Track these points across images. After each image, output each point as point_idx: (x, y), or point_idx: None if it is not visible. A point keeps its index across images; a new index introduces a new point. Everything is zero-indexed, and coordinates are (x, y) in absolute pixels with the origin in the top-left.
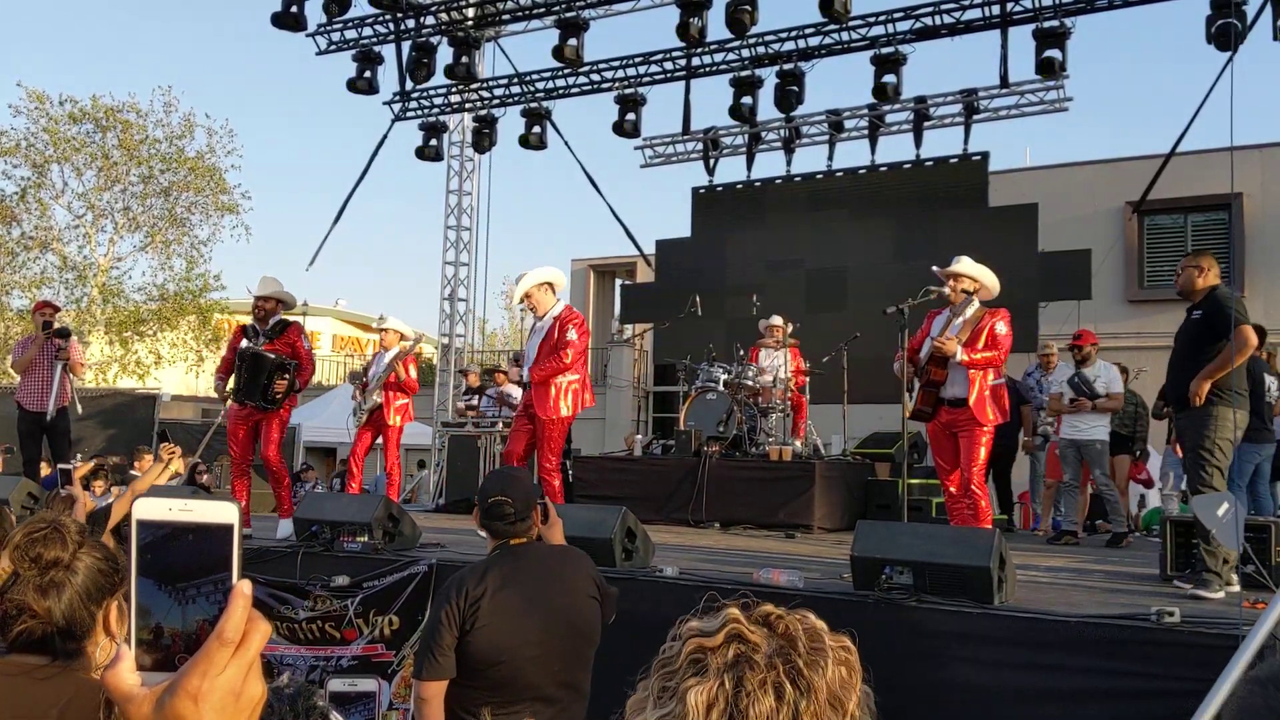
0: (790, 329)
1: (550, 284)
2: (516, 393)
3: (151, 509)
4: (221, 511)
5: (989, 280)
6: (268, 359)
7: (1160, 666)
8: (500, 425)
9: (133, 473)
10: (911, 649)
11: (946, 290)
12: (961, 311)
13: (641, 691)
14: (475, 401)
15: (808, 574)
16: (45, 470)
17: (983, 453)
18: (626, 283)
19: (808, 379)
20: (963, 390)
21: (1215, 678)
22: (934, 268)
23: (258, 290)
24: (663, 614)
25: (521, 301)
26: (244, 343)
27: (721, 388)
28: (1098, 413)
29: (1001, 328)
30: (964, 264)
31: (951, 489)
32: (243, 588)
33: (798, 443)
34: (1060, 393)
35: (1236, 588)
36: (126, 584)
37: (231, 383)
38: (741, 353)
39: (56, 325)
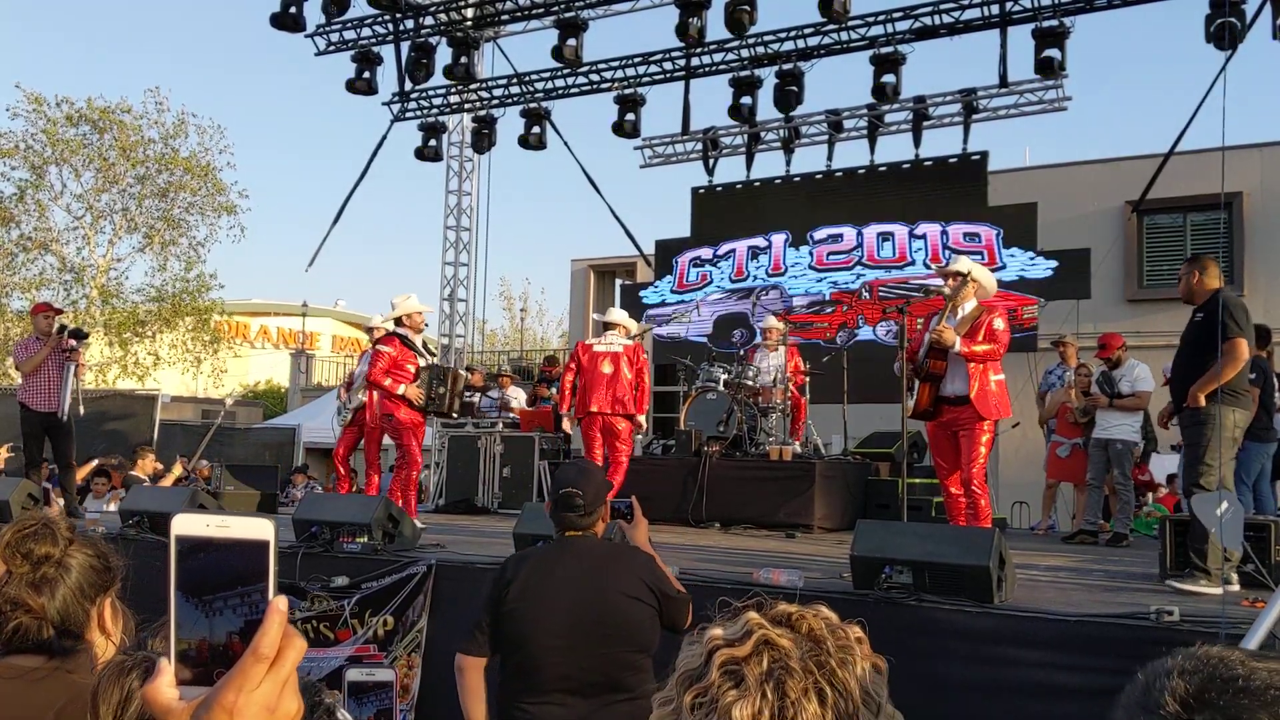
0: (786, 330)
1: None
2: (520, 396)
3: (189, 525)
4: (257, 528)
5: (986, 279)
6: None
7: None
8: (500, 426)
9: (133, 473)
10: (911, 648)
11: (946, 290)
12: (955, 300)
13: (663, 707)
14: (475, 399)
15: (808, 574)
16: (44, 472)
17: (983, 451)
18: (626, 283)
19: (807, 379)
20: (963, 387)
21: None
22: (932, 266)
23: (416, 308)
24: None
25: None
26: (423, 360)
27: (721, 388)
28: (1122, 412)
29: (999, 323)
30: (962, 263)
31: (951, 489)
32: (279, 604)
33: (796, 444)
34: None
35: (1236, 586)
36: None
37: (413, 393)
38: (740, 353)
39: (70, 326)
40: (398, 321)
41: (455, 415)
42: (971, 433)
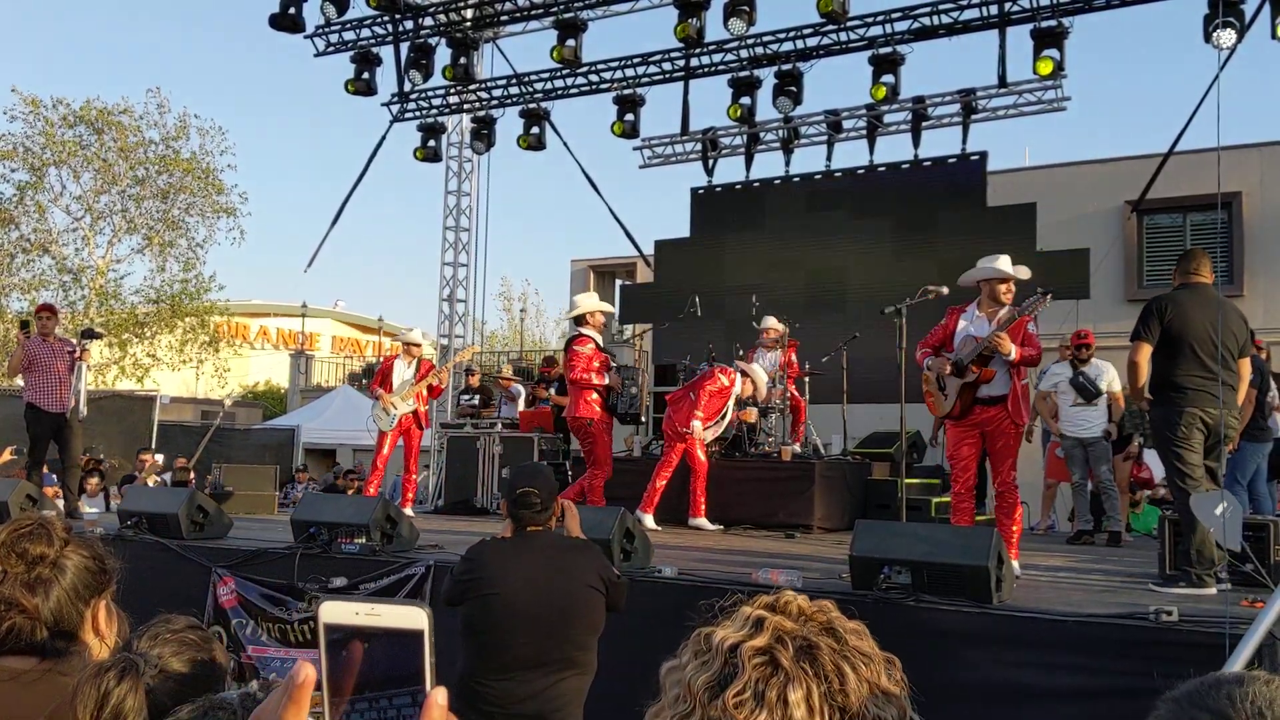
0: (786, 330)
1: None
2: (519, 392)
3: (338, 612)
4: (411, 616)
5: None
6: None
7: (1158, 665)
8: (499, 426)
9: (134, 473)
10: (909, 649)
11: (945, 290)
12: (1005, 312)
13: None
14: (475, 401)
15: (807, 574)
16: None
17: (1015, 452)
18: (626, 283)
19: (807, 379)
20: (1002, 388)
21: None
22: (1005, 268)
23: (595, 307)
24: (661, 615)
25: None
26: (613, 361)
27: None
28: (1095, 409)
29: (1032, 327)
30: (1007, 263)
31: (960, 488)
32: (436, 697)
33: (796, 445)
34: (1048, 393)
35: (1213, 590)
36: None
37: (615, 380)
38: (740, 353)
39: (79, 328)
40: (579, 320)
41: (642, 421)
42: (1006, 435)
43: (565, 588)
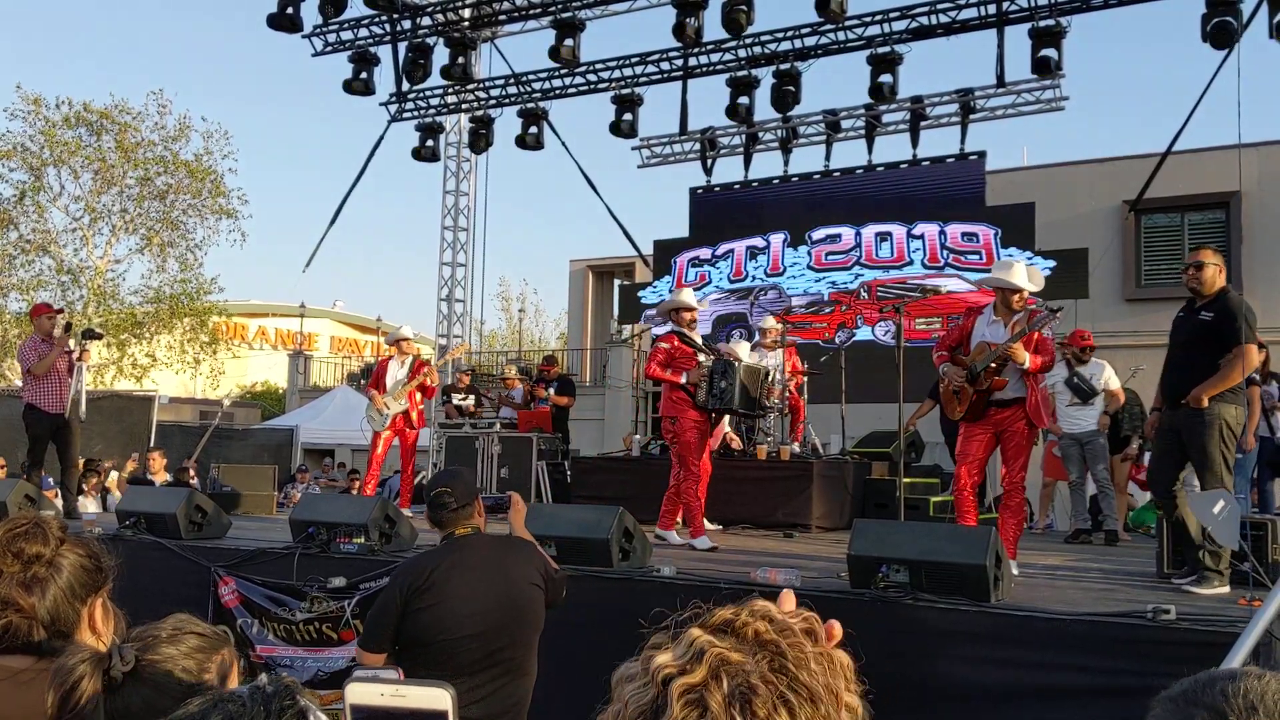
0: (784, 330)
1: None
2: (518, 393)
3: (364, 693)
4: (434, 697)
5: (1038, 284)
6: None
7: (1156, 664)
8: (498, 426)
9: (149, 476)
10: (908, 647)
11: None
12: (1019, 317)
13: None
14: (468, 401)
15: (805, 573)
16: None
17: (1028, 451)
18: (625, 283)
19: (806, 379)
20: (1016, 392)
21: None
22: (1018, 280)
23: (677, 304)
24: (659, 615)
25: None
26: (701, 356)
27: None
28: (1091, 408)
29: (1047, 331)
30: (1020, 272)
31: (966, 485)
32: None
33: (795, 445)
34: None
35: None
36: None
37: (695, 376)
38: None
39: (68, 322)
40: (668, 317)
41: (759, 414)
42: (1019, 434)
43: (506, 589)
